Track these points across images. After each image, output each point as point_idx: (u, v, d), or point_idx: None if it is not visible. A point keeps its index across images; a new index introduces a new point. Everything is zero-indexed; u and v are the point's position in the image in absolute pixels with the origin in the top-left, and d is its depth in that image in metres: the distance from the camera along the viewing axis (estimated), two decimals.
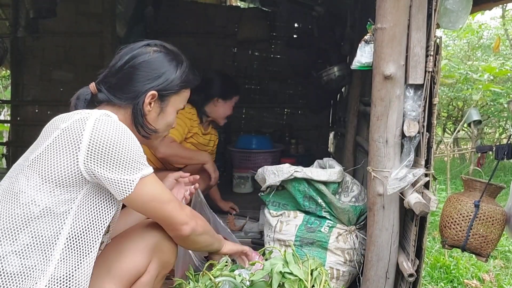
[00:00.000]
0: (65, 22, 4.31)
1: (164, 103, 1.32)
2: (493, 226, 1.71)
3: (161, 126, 1.35)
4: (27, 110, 4.65)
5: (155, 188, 1.21)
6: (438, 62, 1.60)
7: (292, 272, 1.46)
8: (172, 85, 1.31)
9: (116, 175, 1.13)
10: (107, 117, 1.18)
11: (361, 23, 2.52)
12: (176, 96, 1.34)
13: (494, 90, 5.27)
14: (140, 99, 1.27)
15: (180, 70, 1.33)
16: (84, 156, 1.11)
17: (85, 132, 1.11)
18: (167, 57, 1.32)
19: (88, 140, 1.11)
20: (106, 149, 1.11)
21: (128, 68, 1.28)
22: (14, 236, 1.10)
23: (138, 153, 1.17)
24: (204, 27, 4.54)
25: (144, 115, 1.29)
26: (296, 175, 1.95)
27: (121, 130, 1.15)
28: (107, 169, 1.12)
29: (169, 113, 1.35)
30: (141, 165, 1.17)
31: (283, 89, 4.70)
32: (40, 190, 1.11)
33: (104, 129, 1.12)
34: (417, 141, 1.61)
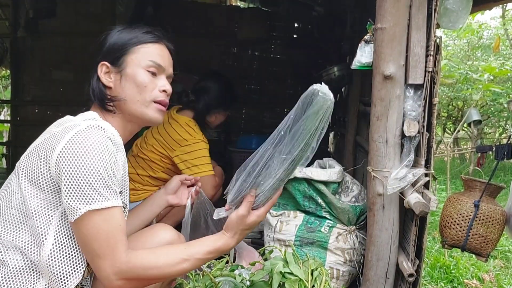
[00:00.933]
0: (65, 22, 4.31)
1: (120, 67, 1.24)
2: (493, 226, 1.71)
3: (131, 92, 1.24)
4: (27, 110, 4.65)
5: (99, 229, 1.05)
6: (438, 62, 1.60)
7: (293, 272, 1.46)
8: (116, 48, 1.25)
9: (66, 198, 1.05)
10: (92, 130, 1.09)
11: (361, 23, 2.52)
12: (131, 55, 1.25)
13: (494, 90, 5.28)
14: (93, 77, 1.26)
15: (125, 33, 1.28)
16: (53, 168, 1.07)
17: (58, 146, 1.07)
18: (118, 30, 1.29)
19: (58, 154, 1.06)
20: (68, 167, 1.04)
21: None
22: (16, 233, 1.12)
23: (102, 180, 1.05)
24: (204, 27, 4.54)
25: (105, 89, 1.25)
26: (296, 175, 1.95)
27: (93, 151, 1.05)
28: (63, 188, 1.05)
29: (133, 74, 1.24)
30: (96, 196, 1.04)
31: (283, 89, 4.70)
32: (27, 192, 1.11)
33: (75, 146, 1.05)
34: (417, 141, 1.61)
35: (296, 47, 4.50)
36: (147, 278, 1.12)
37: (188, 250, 1.16)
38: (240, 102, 4.63)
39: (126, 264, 1.07)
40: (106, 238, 1.06)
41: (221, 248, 1.19)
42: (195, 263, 1.16)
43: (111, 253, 1.06)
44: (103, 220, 1.06)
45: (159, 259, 1.12)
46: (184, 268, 1.15)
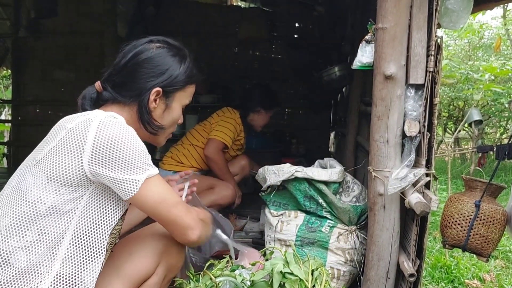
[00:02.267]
0: (66, 22, 4.32)
1: (169, 99, 1.32)
2: (494, 226, 1.71)
3: (167, 122, 1.35)
4: (28, 110, 4.65)
5: (161, 189, 1.20)
6: (439, 62, 1.60)
7: (293, 272, 1.46)
8: (176, 81, 1.30)
9: (120, 175, 1.13)
10: (113, 118, 1.17)
11: (362, 23, 2.52)
12: (181, 92, 1.34)
13: (495, 90, 5.27)
14: (145, 96, 1.26)
15: (184, 65, 1.32)
16: (88, 157, 1.11)
17: (89, 134, 1.11)
18: (170, 53, 1.31)
19: (92, 142, 1.11)
20: (110, 150, 1.11)
21: (131, 65, 1.28)
22: (22, 232, 1.12)
23: (143, 153, 1.17)
24: (205, 27, 4.55)
25: (149, 112, 1.29)
26: (296, 175, 1.95)
27: (125, 132, 1.14)
28: (112, 169, 1.12)
29: (174, 109, 1.34)
30: (146, 166, 1.16)
31: (284, 89, 4.70)
32: (46, 189, 1.12)
33: (108, 131, 1.12)
34: (418, 141, 1.61)
35: (297, 47, 4.51)
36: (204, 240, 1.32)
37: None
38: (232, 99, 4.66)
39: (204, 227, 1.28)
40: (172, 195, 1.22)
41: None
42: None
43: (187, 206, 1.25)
44: (159, 183, 1.19)
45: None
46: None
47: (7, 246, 1.11)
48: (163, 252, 1.37)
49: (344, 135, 3.40)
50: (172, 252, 1.40)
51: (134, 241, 1.38)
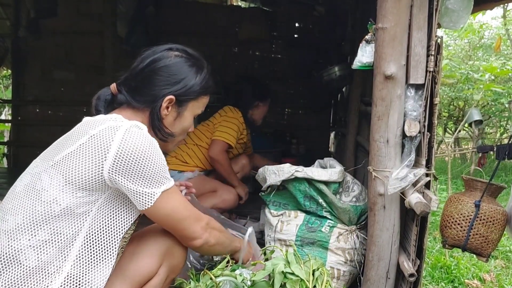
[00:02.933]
0: (66, 22, 4.32)
1: (181, 108, 1.33)
2: (494, 226, 1.71)
3: (178, 130, 1.37)
4: (28, 110, 4.65)
5: (175, 203, 1.24)
6: (439, 62, 1.60)
7: (294, 272, 1.46)
8: (191, 91, 1.32)
9: (139, 187, 1.16)
10: (137, 129, 1.19)
11: (362, 23, 2.52)
12: (194, 102, 1.36)
13: (495, 90, 5.27)
14: (158, 103, 1.28)
15: (200, 76, 1.34)
16: (110, 165, 1.13)
17: (113, 143, 1.14)
18: (188, 63, 1.33)
19: (116, 151, 1.13)
20: (132, 161, 1.14)
21: (148, 71, 1.29)
22: (34, 231, 1.13)
23: (162, 167, 1.20)
24: (205, 27, 4.55)
25: (161, 119, 1.30)
26: (296, 175, 1.95)
27: (148, 144, 1.17)
28: (131, 180, 1.15)
29: (186, 118, 1.36)
30: (164, 179, 1.19)
31: (284, 89, 4.70)
32: (62, 191, 1.14)
33: (132, 141, 1.15)
34: (418, 141, 1.61)
35: (297, 47, 4.51)
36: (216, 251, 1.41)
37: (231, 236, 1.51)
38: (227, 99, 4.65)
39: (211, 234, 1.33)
40: (185, 205, 1.26)
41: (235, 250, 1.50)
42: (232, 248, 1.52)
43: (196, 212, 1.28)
44: (174, 196, 1.23)
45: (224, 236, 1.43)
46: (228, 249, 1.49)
47: (18, 244, 1.12)
48: (166, 252, 1.37)
49: (344, 135, 3.40)
50: (174, 252, 1.40)
51: (137, 241, 1.38)
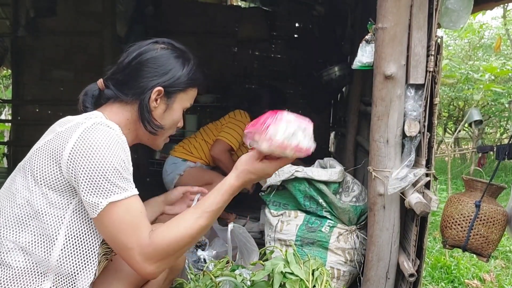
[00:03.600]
0: (65, 21, 4.31)
1: (170, 100, 1.30)
2: (494, 226, 1.70)
3: (167, 123, 1.33)
4: (28, 110, 4.64)
5: (123, 218, 1.08)
6: (439, 62, 1.59)
7: (294, 272, 1.45)
8: (178, 82, 1.29)
9: (85, 195, 1.07)
10: (102, 126, 1.12)
11: (362, 23, 2.52)
12: (183, 94, 1.32)
13: (495, 90, 5.27)
14: (146, 94, 1.25)
15: (187, 68, 1.31)
16: (65, 164, 1.09)
17: (70, 140, 1.09)
18: (174, 54, 1.31)
19: (70, 149, 1.08)
20: (81, 163, 1.07)
21: (135, 64, 1.27)
22: (17, 233, 1.12)
23: (117, 173, 1.08)
24: (204, 27, 4.54)
25: (150, 111, 1.27)
26: (296, 175, 1.95)
27: (106, 144, 1.09)
28: (80, 185, 1.08)
29: (175, 110, 1.33)
30: (115, 188, 1.07)
31: (284, 88, 4.69)
32: (33, 192, 1.11)
33: (87, 140, 1.08)
34: (418, 141, 1.61)
35: (297, 46, 4.50)
36: (174, 252, 1.13)
37: (198, 208, 1.17)
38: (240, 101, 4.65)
39: (150, 246, 1.08)
40: (130, 227, 1.08)
41: (227, 192, 1.18)
42: (209, 216, 1.16)
43: (138, 241, 1.08)
44: (124, 210, 1.08)
45: (177, 229, 1.13)
46: (201, 225, 1.15)
47: (3, 247, 1.11)
48: None
49: (344, 135, 3.40)
50: None
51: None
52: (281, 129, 1.10)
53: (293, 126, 1.11)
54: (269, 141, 1.10)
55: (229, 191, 1.18)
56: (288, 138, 1.10)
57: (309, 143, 1.12)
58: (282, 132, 1.09)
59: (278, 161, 1.17)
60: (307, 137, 1.12)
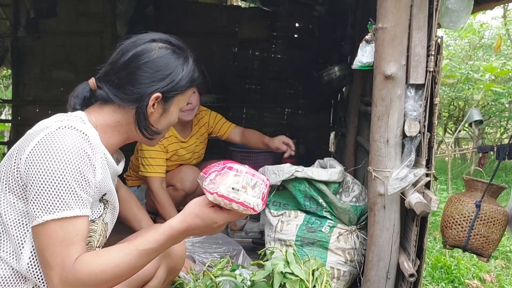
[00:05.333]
0: (66, 21, 4.31)
1: (167, 104, 1.24)
2: (495, 226, 1.70)
3: (163, 126, 1.28)
4: (28, 110, 4.65)
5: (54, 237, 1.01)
6: (439, 62, 1.59)
7: (294, 272, 1.46)
8: (178, 86, 1.23)
9: (30, 203, 1.02)
10: (64, 131, 1.05)
11: (362, 23, 2.52)
12: (180, 96, 1.26)
13: (495, 90, 5.27)
14: (144, 101, 1.19)
15: (186, 69, 1.24)
16: (22, 172, 1.04)
17: (27, 148, 1.04)
18: (174, 55, 1.23)
19: (26, 158, 1.04)
20: (34, 173, 1.01)
21: (131, 67, 1.19)
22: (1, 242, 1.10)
23: (69, 188, 1.02)
24: (204, 27, 4.54)
25: (147, 117, 1.22)
26: (297, 175, 1.95)
27: (62, 156, 1.02)
28: (29, 192, 1.03)
29: (172, 113, 1.27)
30: (61, 204, 1.01)
31: (284, 89, 4.69)
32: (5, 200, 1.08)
33: (42, 151, 1.02)
34: (418, 141, 1.61)
35: (297, 47, 4.50)
36: (93, 285, 1.02)
37: (131, 243, 1.07)
38: (241, 102, 4.65)
39: (71, 271, 1.00)
40: (59, 247, 1.01)
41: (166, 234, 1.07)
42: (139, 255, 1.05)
43: (61, 262, 1.00)
44: (60, 228, 1.01)
45: (101, 261, 1.03)
46: (129, 263, 1.04)
47: None
48: (163, 254, 1.32)
49: (344, 135, 3.40)
50: (172, 254, 1.38)
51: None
52: (227, 181, 1.03)
53: (242, 180, 1.04)
54: (213, 191, 1.03)
55: (168, 233, 1.06)
56: (235, 192, 1.03)
57: (256, 202, 1.04)
58: (228, 184, 1.03)
59: (228, 212, 1.07)
60: (256, 195, 1.05)
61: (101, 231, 1.20)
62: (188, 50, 1.29)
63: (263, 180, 1.08)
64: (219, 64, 4.54)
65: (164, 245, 1.08)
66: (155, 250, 1.07)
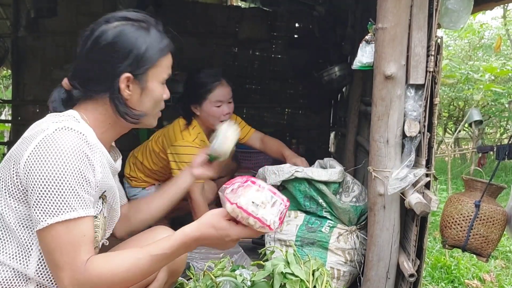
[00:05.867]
0: (66, 21, 4.31)
1: (142, 81, 1.16)
2: (494, 226, 1.71)
3: (148, 106, 1.20)
4: (28, 110, 4.65)
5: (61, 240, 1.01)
6: (439, 62, 1.60)
7: (294, 272, 1.46)
8: (144, 60, 1.15)
9: (32, 207, 1.01)
10: (61, 132, 1.03)
11: (362, 23, 2.52)
12: (154, 69, 1.17)
13: (495, 90, 5.27)
14: (114, 86, 1.13)
15: (149, 39, 1.16)
16: (22, 176, 1.04)
17: (26, 152, 1.03)
18: (132, 30, 1.15)
19: (25, 161, 1.02)
20: (34, 176, 1.00)
21: (92, 56, 1.14)
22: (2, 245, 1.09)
23: (71, 189, 1.01)
24: (205, 27, 4.54)
25: (125, 102, 1.16)
26: (296, 175, 1.95)
27: (61, 157, 1.00)
28: (30, 196, 1.02)
29: (152, 89, 1.19)
30: (64, 206, 1.00)
31: (284, 89, 4.69)
32: (6, 203, 1.07)
33: (41, 153, 1.01)
34: (418, 141, 1.61)
35: (297, 47, 4.50)
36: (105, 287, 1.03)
37: (144, 248, 1.07)
38: (241, 102, 4.65)
39: (83, 273, 1.01)
40: (67, 249, 1.01)
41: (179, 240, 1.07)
42: (152, 260, 1.05)
43: (71, 264, 1.01)
44: (66, 231, 1.01)
45: (113, 264, 1.03)
46: (141, 268, 1.05)
47: None
48: None
49: (344, 135, 3.40)
50: None
51: (134, 245, 1.33)
52: (248, 195, 1.04)
53: (263, 196, 1.05)
54: (234, 201, 1.03)
55: (182, 240, 1.06)
56: (254, 206, 1.03)
57: (273, 219, 1.04)
58: (249, 197, 1.03)
59: (244, 228, 1.06)
60: (274, 213, 1.05)
61: (102, 225, 1.20)
62: (151, 20, 1.21)
63: (283, 200, 1.09)
64: (219, 64, 4.53)
65: (176, 252, 1.07)
66: (167, 256, 1.07)
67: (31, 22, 3.98)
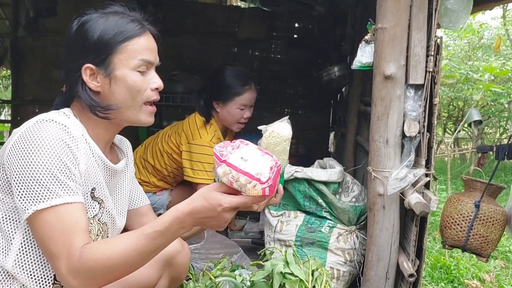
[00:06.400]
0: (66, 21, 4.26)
1: (107, 70, 1.11)
2: (494, 226, 1.71)
3: (123, 96, 1.13)
4: (28, 110, 4.64)
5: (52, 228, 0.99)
6: (438, 62, 1.60)
7: (293, 272, 1.46)
8: (100, 48, 1.10)
9: (16, 198, 1.01)
10: (41, 124, 1.03)
11: (361, 23, 2.52)
12: (117, 55, 1.11)
13: (494, 90, 5.28)
14: (77, 80, 1.12)
15: (105, 25, 1.11)
16: (6, 167, 1.04)
17: (9, 144, 1.04)
18: (88, 20, 1.12)
19: (8, 153, 1.03)
20: (16, 165, 1.01)
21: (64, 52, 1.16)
22: None
23: (52, 176, 1.00)
24: (204, 27, 4.54)
25: (94, 95, 1.12)
26: (296, 175, 1.95)
27: (41, 145, 1.00)
28: (13, 187, 1.02)
29: (122, 77, 1.12)
30: (47, 193, 0.99)
31: (284, 89, 4.69)
32: None
33: (21, 143, 1.01)
34: (418, 141, 1.61)
35: (297, 47, 4.50)
36: (102, 272, 1.00)
37: (138, 231, 1.04)
38: None
39: (79, 260, 0.98)
40: (61, 237, 0.99)
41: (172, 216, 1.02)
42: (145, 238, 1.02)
43: (67, 252, 0.99)
44: (56, 219, 0.99)
45: (108, 247, 1.01)
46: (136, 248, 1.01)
47: None
48: (166, 264, 1.32)
49: (343, 135, 3.40)
50: (175, 264, 1.36)
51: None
52: (238, 151, 1.01)
53: (252, 151, 1.02)
54: (224, 158, 1.00)
55: (174, 215, 1.02)
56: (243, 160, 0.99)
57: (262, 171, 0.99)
58: (238, 154, 1.01)
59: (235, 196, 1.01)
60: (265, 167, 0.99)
61: (97, 231, 1.17)
62: (118, 9, 1.16)
63: (273, 157, 1.04)
64: (219, 64, 4.53)
65: (170, 229, 1.02)
66: (161, 233, 1.02)
67: (30, 22, 3.98)
